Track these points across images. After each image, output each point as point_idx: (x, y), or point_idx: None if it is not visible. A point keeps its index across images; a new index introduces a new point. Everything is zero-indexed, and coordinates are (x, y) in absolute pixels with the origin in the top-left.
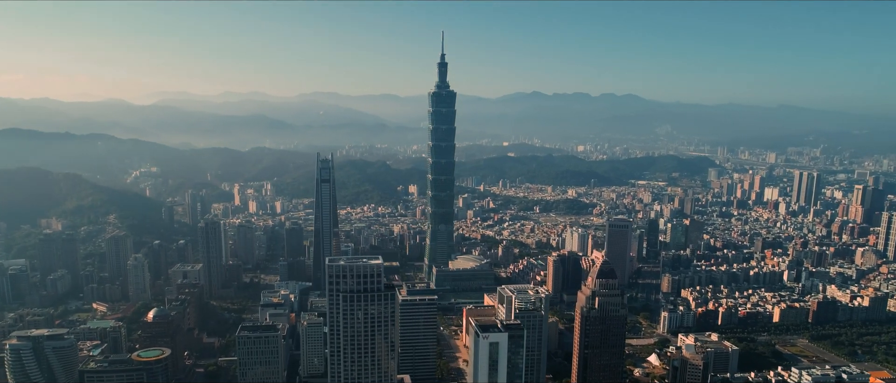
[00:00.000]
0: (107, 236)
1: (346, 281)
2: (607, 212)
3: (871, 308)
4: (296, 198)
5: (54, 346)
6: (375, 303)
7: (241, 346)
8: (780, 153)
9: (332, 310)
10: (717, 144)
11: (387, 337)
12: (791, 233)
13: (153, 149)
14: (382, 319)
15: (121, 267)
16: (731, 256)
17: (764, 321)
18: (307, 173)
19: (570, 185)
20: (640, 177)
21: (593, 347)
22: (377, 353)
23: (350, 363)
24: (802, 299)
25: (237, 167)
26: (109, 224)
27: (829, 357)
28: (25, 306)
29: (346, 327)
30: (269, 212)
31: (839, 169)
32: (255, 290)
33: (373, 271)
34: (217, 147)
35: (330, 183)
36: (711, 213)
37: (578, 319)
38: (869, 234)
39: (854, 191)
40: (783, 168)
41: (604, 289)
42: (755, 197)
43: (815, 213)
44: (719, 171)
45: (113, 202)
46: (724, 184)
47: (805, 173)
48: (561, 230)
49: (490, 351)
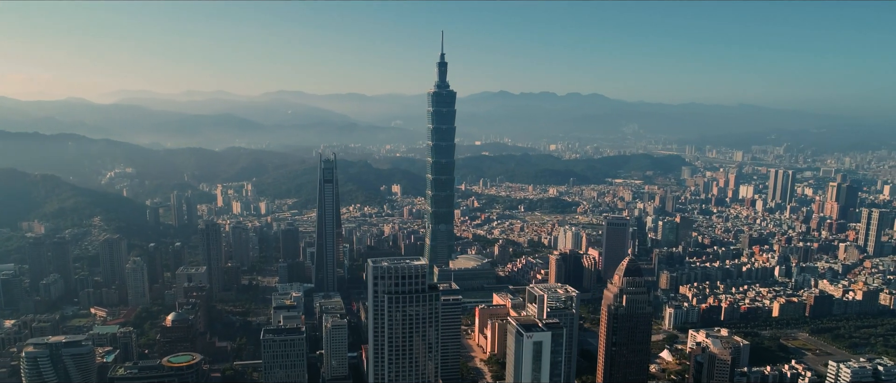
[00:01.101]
0: (101, 239)
1: (391, 281)
2: (590, 210)
3: (864, 301)
4: (278, 199)
5: (72, 353)
6: (419, 304)
7: (266, 349)
8: (746, 151)
9: (376, 311)
10: (685, 143)
11: (429, 337)
12: (772, 230)
13: (126, 149)
14: (426, 320)
15: (115, 270)
16: (722, 253)
17: (764, 316)
18: (287, 173)
19: (550, 184)
20: (615, 176)
21: (621, 344)
22: (420, 354)
23: (394, 364)
24: (797, 294)
25: (213, 167)
26: (95, 226)
27: (831, 349)
28: (19, 312)
29: (391, 328)
30: (252, 212)
31: (804, 166)
32: (255, 292)
33: (416, 272)
34: (193, 147)
35: (333, 183)
36: (692, 211)
37: (605, 317)
38: (846, 230)
39: (828, 188)
40: (751, 166)
41: (631, 287)
42: (731, 194)
43: (792, 210)
44: (692, 170)
45: (96, 204)
46: (699, 182)
47: (780, 171)
48: (551, 229)
49: (534, 350)
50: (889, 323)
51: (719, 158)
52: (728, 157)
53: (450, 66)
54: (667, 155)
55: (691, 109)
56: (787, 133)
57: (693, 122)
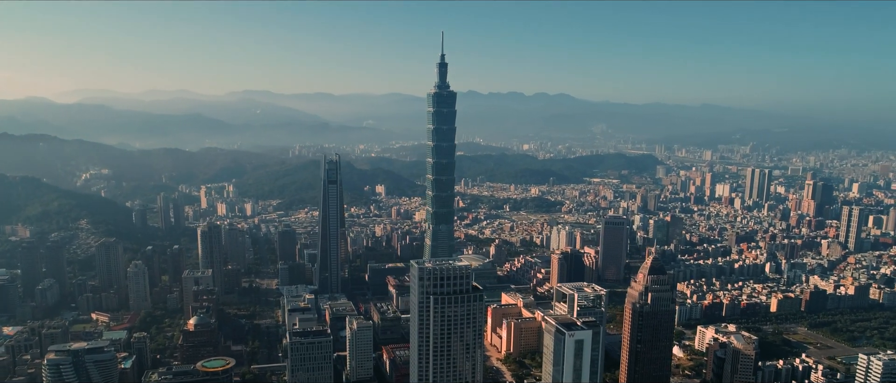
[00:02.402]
0: (89, 242)
1: (436, 282)
2: (575, 209)
3: (856, 296)
4: (262, 200)
5: (95, 360)
6: (464, 305)
7: (293, 352)
8: (713, 151)
9: (421, 312)
10: (654, 143)
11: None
12: (754, 227)
13: (100, 150)
14: (471, 320)
15: (112, 274)
16: (712, 250)
17: (763, 311)
18: (267, 174)
19: (531, 184)
20: (592, 175)
21: (645, 341)
22: (466, 354)
23: (438, 364)
24: (790, 289)
25: (190, 168)
26: (82, 229)
27: (831, 343)
28: (16, 319)
29: (436, 328)
30: (238, 214)
31: (771, 165)
32: (256, 295)
33: (462, 272)
34: (168, 148)
35: (337, 184)
36: (674, 209)
37: (629, 314)
38: (825, 227)
39: (805, 186)
40: (722, 165)
41: (656, 285)
42: (709, 193)
43: (770, 208)
44: (666, 169)
45: (81, 207)
46: (676, 181)
47: (756, 170)
48: (541, 228)
49: (576, 349)
50: (881, 316)
51: (689, 157)
52: (697, 157)
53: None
54: (639, 154)
55: (656, 109)
56: (751, 133)
57: (658, 122)
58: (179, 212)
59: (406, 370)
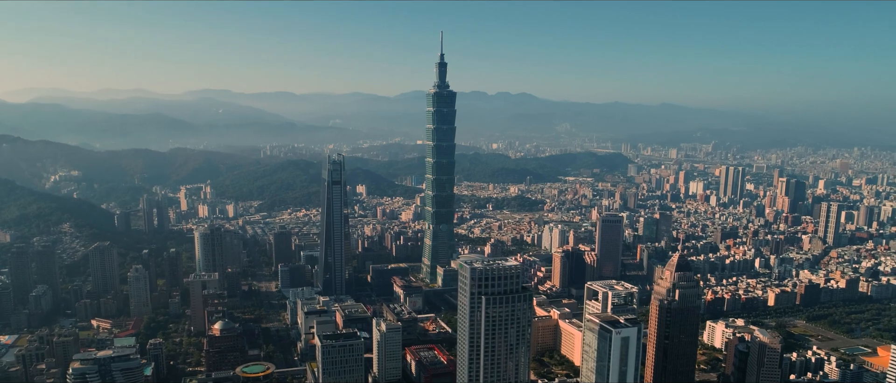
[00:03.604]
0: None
1: (487, 283)
2: (557, 207)
3: (847, 289)
4: (241, 201)
5: (122, 368)
6: (514, 304)
7: (325, 355)
8: (679, 149)
9: (473, 312)
10: (619, 141)
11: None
12: (734, 224)
13: (67, 151)
14: (521, 319)
15: (108, 279)
16: (701, 246)
17: (761, 305)
18: (243, 175)
19: (508, 182)
20: (566, 174)
21: (673, 337)
22: (516, 353)
23: (490, 364)
24: (783, 284)
25: (162, 169)
26: (66, 233)
27: (831, 335)
28: (11, 327)
29: (488, 329)
30: (219, 215)
31: (734, 162)
32: (258, 298)
33: (512, 272)
34: (138, 149)
35: (341, 185)
36: (653, 207)
37: (656, 311)
38: (801, 223)
39: (777, 184)
40: (689, 163)
41: (683, 281)
42: (684, 190)
43: (744, 205)
44: (637, 167)
45: (62, 210)
46: (646, 178)
47: (730, 168)
48: (530, 227)
49: (622, 346)
50: (872, 308)
51: (655, 156)
52: (663, 155)
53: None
54: (609, 153)
55: (617, 109)
56: (712, 131)
57: (620, 121)
58: (163, 215)
59: (435, 370)
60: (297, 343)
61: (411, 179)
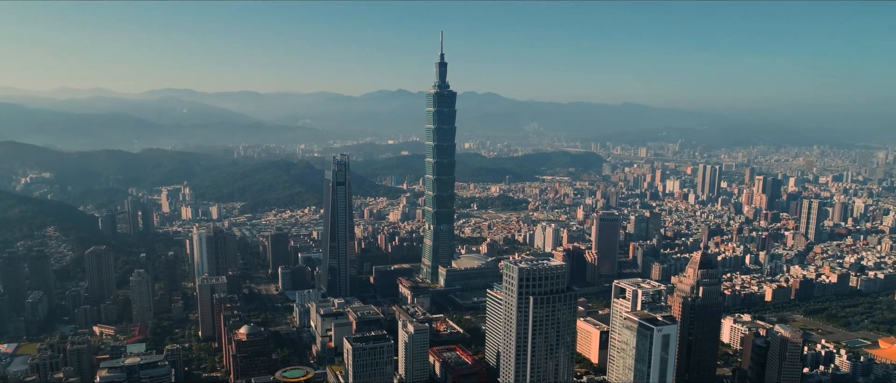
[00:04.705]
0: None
1: (535, 283)
2: (540, 206)
3: (839, 283)
4: (222, 203)
5: (151, 375)
6: (560, 304)
7: (356, 357)
8: (648, 148)
9: (521, 312)
10: (587, 140)
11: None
12: (715, 221)
13: (35, 152)
14: (566, 319)
15: (104, 284)
16: (690, 244)
17: (758, 301)
18: (222, 176)
19: (488, 182)
20: (543, 173)
21: (696, 333)
22: (562, 352)
23: (537, 363)
24: (776, 279)
25: (136, 170)
26: (51, 238)
27: (830, 328)
28: (9, 335)
29: (536, 328)
30: (202, 217)
31: (701, 161)
32: (261, 301)
33: (557, 272)
34: (109, 149)
35: (346, 186)
36: (634, 205)
37: (679, 308)
38: (780, 220)
39: (756, 182)
40: (659, 162)
41: (706, 279)
42: (661, 188)
43: (722, 203)
44: (612, 166)
45: (45, 213)
46: (626, 177)
47: (708, 167)
48: (520, 226)
49: (663, 344)
50: (864, 301)
51: (625, 155)
52: (632, 154)
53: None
54: (582, 152)
55: (581, 108)
56: (677, 130)
57: (585, 120)
58: (148, 218)
59: (461, 371)
60: (312, 346)
61: (391, 179)
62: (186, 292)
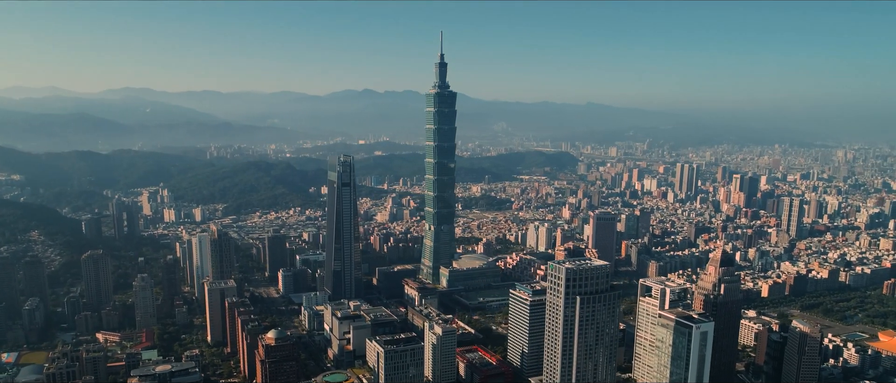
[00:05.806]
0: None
1: (581, 283)
2: (524, 206)
3: (829, 279)
4: (203, 205)
5: None
6: (604, 303)
7: (388, 359)
8: (617, 147)
9: (568, 312)
10: (557, 140)
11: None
12: (698, 220)
13: (2, 154)
14: (610, 318)
15: (102, 289)
16: (680, 241)
17: (755, 296)
18: (199, 177)
19: (468, 182)
20: (519, 172)
21: (719, 330)
22: (607, 351)
23: (582, 362)
24: (768, 275)
25: (108, 172)
26: (36, 242)
27: (827, 323)
28: (9, 343)
29: (583, 328)
30: (185, 220)
31: (671, 160)
32: (264, 304)
33: (602, 272)
34: (79, 150)
35: (351, 187)
36: (615, 204)
37: (700, 304)
38: (760, 217)
39: (734, 180)
40: (631, 161)
41: (726, 276)
42: (640, 187)
43: (701, 201)
44: (587, 165)
45: (28, 217)
46: (603, 176)
47: (686, 166)
48: (510, 226)
49: (701, 341)
50: (855, 296)
51: (596, 154)
52: (603, 153)
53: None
54: (555, 152)
55: (546, 108)
56: (643, 130)
57: (551, 120)
58: (133, 221)
59: (488, 372)
60: (328, 349)
61: (371, 180)
62: (186, 296)
